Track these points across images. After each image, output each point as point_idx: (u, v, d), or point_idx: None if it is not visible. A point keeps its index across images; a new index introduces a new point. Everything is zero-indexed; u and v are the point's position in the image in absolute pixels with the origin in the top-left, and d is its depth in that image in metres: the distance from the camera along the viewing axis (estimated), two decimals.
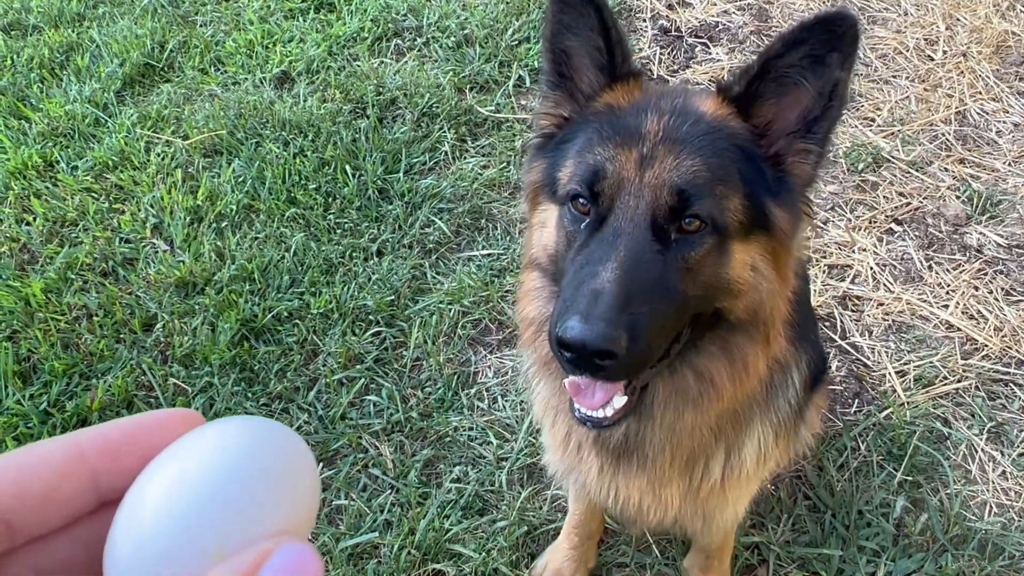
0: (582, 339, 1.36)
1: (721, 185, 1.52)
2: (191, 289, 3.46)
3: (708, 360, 1.66)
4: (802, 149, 1.61)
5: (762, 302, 1.61)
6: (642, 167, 1.52)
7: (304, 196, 3.80)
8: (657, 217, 1.50)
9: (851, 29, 1.47)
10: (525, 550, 2.72)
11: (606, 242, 1.48)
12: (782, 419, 1.94)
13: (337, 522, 2.79)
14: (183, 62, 4.68)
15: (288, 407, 3.10)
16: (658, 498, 1.95)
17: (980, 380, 3.15)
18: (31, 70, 4.63)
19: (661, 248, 1.49)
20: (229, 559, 0.53)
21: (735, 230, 1.54)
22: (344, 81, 4.41)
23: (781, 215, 1.59)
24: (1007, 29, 4.71)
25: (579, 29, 1.67)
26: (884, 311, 3.40)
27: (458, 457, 2.95)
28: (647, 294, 1.44)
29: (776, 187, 1.59)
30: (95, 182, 3.95)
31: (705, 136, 1.55)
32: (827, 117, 1.57)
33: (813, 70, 1.52)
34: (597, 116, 1.66)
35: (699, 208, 1.50)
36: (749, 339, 1.65)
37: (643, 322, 1.41)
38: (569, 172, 1.62)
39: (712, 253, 1.53)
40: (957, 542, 2.71)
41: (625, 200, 1.51)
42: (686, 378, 1.68)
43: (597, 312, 1.37)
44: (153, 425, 0.63)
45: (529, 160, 1.81)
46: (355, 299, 3.39)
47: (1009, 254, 3.59)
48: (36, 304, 3.38)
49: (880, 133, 4.15)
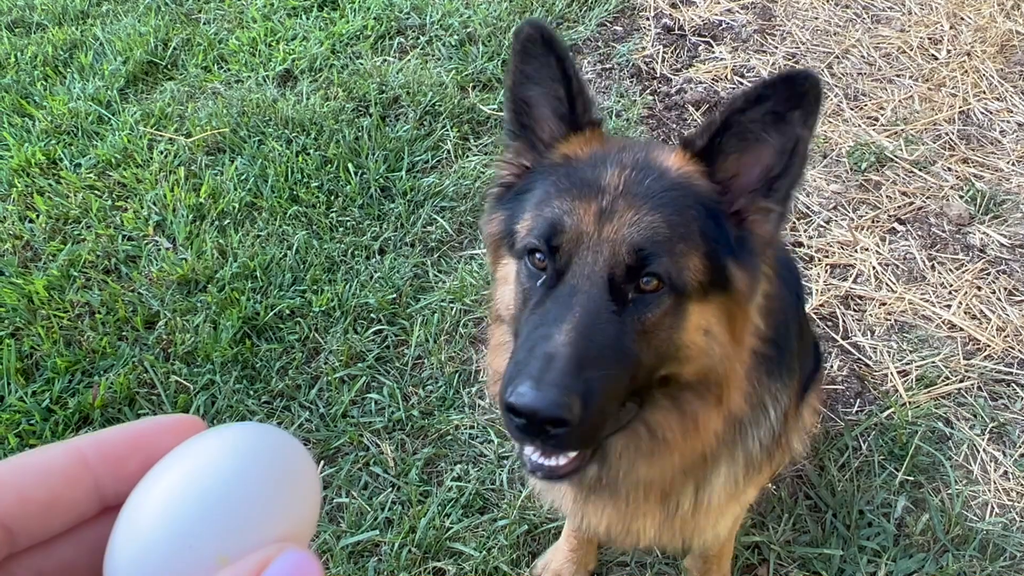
0: (533, 407, 1.31)
1: (681, 243, 1.48)
2: (193, 287, 3.47)
3: (661, 415, 1.62)
4: (763, 208, 1.58)
5: (712, 367, 1.57)
6: (600, 221, 1.47)
7: (306, 194, 3.80)
8: (615, 275, 1.45)
9: (813, 88, 1.45)
10: (526, 549, 2.73)
11: (561, 301, 1.43)
12: (752, 457, 1.88)
13: (338, 520, 2.79)
14: (186, 60, 4.69)
15: (290, 405, 3.10)
16: (628, 529, 1.91)
17: (982, 380, 3.14)
18: (35, 67, 4.64)
19: (617, 308, 1.44)
20: (230, 565, 0.53)
21: (694, 290, 1.49)
22: (347, 79, 4.41)
23: (740, 276, 1.55)
24: (1012, 28, 4.70)
25: (541, 78, 1.65)
26: (886, 311, 3.39)
27: (459, 455, 2.95)
28: (602, 358, 1.38)
29: (738, 247, 1.55)
30: (98, 180, 3.95)
31: (667, 192, 1.52)
32: (788, 175, 1.55)
33: (775, 126, 1.50)
34: (555, 167, 1.63)
35: (657, 267, 1.45)
36: (700, 398, 1.61)
37: (596, 388, 1.36)
38: (527, 225, 1.57)
39: (669, 315, 1.48)
40: (958, 542, 2.71)
41: (583, 256, 1.46)
42: (638, 432, 1.64)
43: (550, 377, 1.32)
44: (155, 431, 0.63)
45: (488, 211, 1.76)
46: (357, 297, 3.39)
47: (1012, 254, 3.58)
48: (39, 301, 3.39)
49: (883, 132, 4.14)
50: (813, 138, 1.54)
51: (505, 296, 1.67)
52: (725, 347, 1.56)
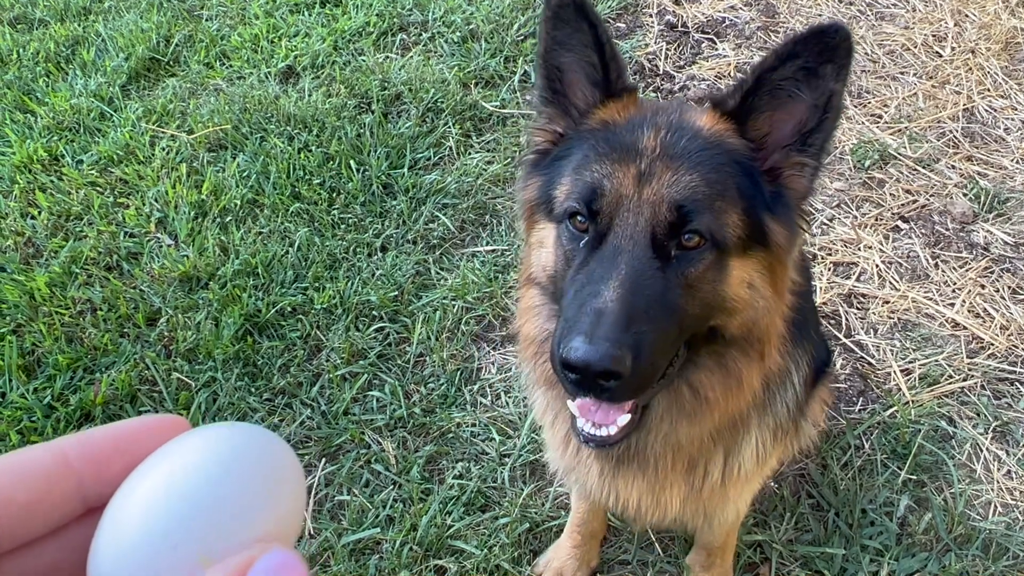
0: (587, 360, 1.35)
1: (720, 200, 1.51)
2: (195, 284, 3.46)
3: (704, 374, 1.66)
4: (798, 162, 1.60)
5: (757, 319, 1.61)
6: (640, 183, 1.51)
7: (308, 191, 3.79)
8: (657, 233, 1.48)
9: (844, 41, 1.46)
10: (527, 547, 2.72)
11: (606, 260, 1.47)
12: (780, 422, 1.93)
13: (339, 518, 2.79)
14: (188, 56, 4.68)
15: (291, 402, 3.10)
16: (657, 501, 1.94)
17: (986, 379, 3.13)
18: (37, 64, 4.64)
19: (661, 265, 1.48)
20: (214, 566, 0.53)
21: (734, 246, 1.53)
22: (349, 76, 4.40)
23: (778, 230, 1.58)
24: (1016, 26, 4.68)
25: (573, 45, 1.66)
26: (890, 309, 3.38)
27: (460, 453, 2.95)
28: (649, 312, 1.42)
29: (773, 202, 1.59)
30: (100, 176, 3.95)
31: (702, 151, 1.54)
32: (822, 129, 1.57)
33: (807, 82, 1.52)
34: (592, 132, 1.64)
35: (698, 224, 1.49)
36: (744, 354, 1.65)
37: (646, 341, 1.40)
38: (566, 190, 1.60)
39: (711, 269, 1.52)
40: (961, 541, 2.70)
41: (624, 217, 1.50)
42: (682, 393, 1.67)
43: (601, 332, 1.36)
44: (139, 431, 0.62)
45: (523, 177, 1.79)
46: (359, 294, 3.38)
47: (1016, 252, 3.57)
48: (41, 298, 3.39)
49: (887, 130, 4.13)
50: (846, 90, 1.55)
51: (542, 259, 1.70)
52: (768, 300, 1.60)
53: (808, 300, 2.19)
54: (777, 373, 1.83)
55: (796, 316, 1.79)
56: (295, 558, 0.53)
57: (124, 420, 0.63)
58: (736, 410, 1.73)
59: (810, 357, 2.03)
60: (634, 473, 1.88)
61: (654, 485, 1.90)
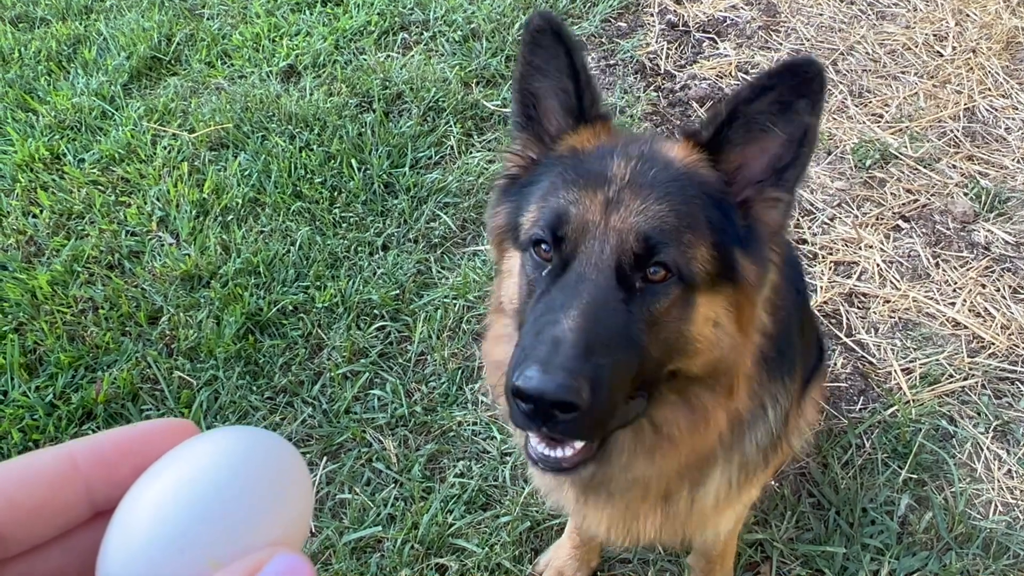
0: (540, 389, 1.27)
1: (689, 233, 1.46)
2: (196, 282, 3.47)
3: (668, 411, 1.59)
4: (772, 197, 1.56)
5: (722, 358, 1.55)
6: (607, 211, 1.46)
7: (310, 190, 3.80)
8: (622, 264, 1.43)
9: (818, 75, 1.44)
10: (528, 545, 2.73)
11: (568, 288, 1.40)
12: (750, 460, 1.86)
13: (341, 516, 2.80)
14: (190, 55, 4.69)
15: (292, 401, 3.10)
16: (628, 529, 1.89)
17: (986, 378, 3.14)
18: (38, 63, 4.64)
19: (625, 297, 1.42)
20: (223, 569, 0.53)
21: (702, 281, 1.48)
22: (350, 75, 4.40)
23: (749, 267, 1.53)
24: (1017, 25, 4.68)
25: (548, 71, 1.64)
26: (890, 308, 3.38)
27: (462, 452, 2.95)
28: (610, 344, 1.36)
29: (745, 237, 1.54)
30: (101, 175, 3.95)
31: (673, 182, 1.50)
32: (797, 164, 1.54)
33: (782, 116, 1.49)
34: (560, 159, 1.61)
35: (665, 256, 1.43)
36: (709, 391, 1.59)
37: (605, 374, 1.33)
38: (532, 217, 1.56)
39: (676, 306, 1.46)
40: (962, 540, 2.70)
41: (589, 244, 1.44)
42: (643, 429, 1.61)
43: (558, 361, 1.28)
44: (147, 435, 0.62)
45: (494, 203, 1.74)
46: (360, 293, 3.39)
47: (1017, 252, 3.57)
48: (42, 296, 3.39)
49: (888, 129, 4.13)
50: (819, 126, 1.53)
51: (509, 288, 1.65)
52: (734, 338, 1.55)
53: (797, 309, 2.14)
54: (747, 412, 1.75)
55: (773, 351, 1.73)
56: (303, 561, 0.53)
57: (132, 424, 0.63)
58: (702, 449, 1.67)
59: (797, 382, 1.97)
60: (603, 502, 1.83)
61: (624, 514, 1.86)
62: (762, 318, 1.66)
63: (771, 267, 1.60)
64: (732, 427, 1.74)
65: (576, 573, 2.61)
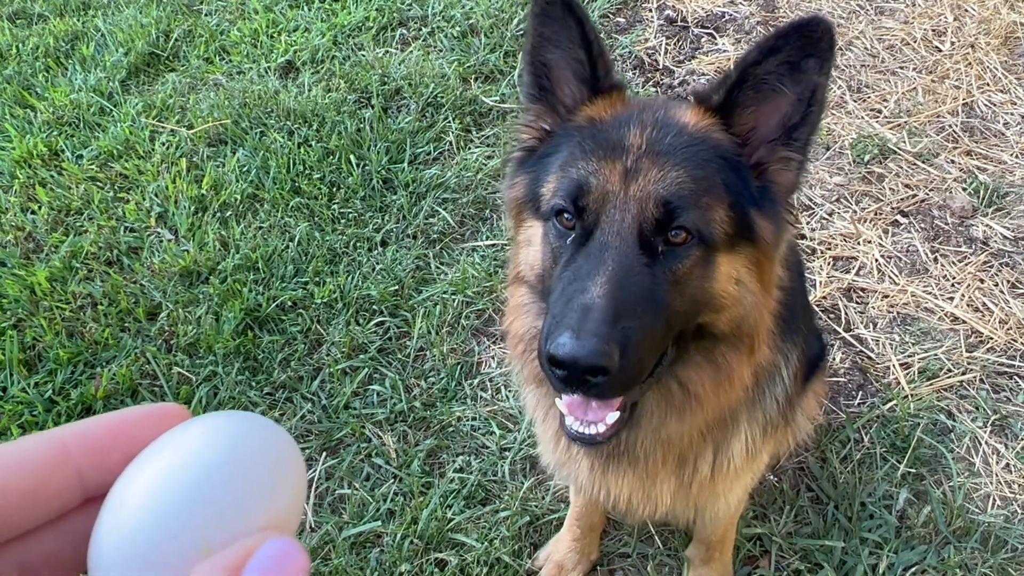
0: (574, 355, 1.33)
1: (706, 196, 1.51)
2: (195, 278, 3.47)
3: (693, 371, 1.65)
4: (784, 157, 1.60)
5: (746, 315, 1.60)
6: (627, 180, 1.50)
7: (308, 186, 3.79)
8: (644, 230, 1.48)
9: (826, 34, 1.46)
10: (527, 540, 2.73)
11: (594, 256, 1.46)
12: (770, 417, 1.92)
13: (340, 511, 2.80)
14: (188, 51, 4.68)
15: (292, 396, 3.10)
16: (648, 495, 1.94)
17: (985, 373, 3.14)
18: (36, 59, 4.64)
19: (649, 261, 1.47)
20: (214, 554, 0.53)
21: (721, 242, 1.53)
22: (349, 71, 4.40)
23: (765, 225, 1.58)
24: (1016, 20, 4.68)
25: (560, 42, 1.66)
26: (889, 303, 3.39)
27: (461, 447, 2.96)
28: (637, 308, 1.42)
29: (760, 197, 1.59)
30: (100, 171, 3.95)
31: (688, 147, 1.54)
32: (807, 123, 1.57)
33: (791, 76, 1.51)
34: (579, 129, 1.64)
35: (685, 220, 1.48)
36: (733, 350, 1.64)
37: (634, 337, 1.39)
38: (552, 187, 1.60)
39: (699, 266, 1.52)
40: (960, 535, 2.71)
41: (611, 214, 1.49)
42: (671, 389, 1.67)
43: (588, 327, 1.35)
44: (138, 421, 0.62)
45: (510, 175, 1.78)
46: (359, 289, 3.39)
47: (1015, 247, 3.57)
48: (41, 293, 3.39)
49: (887, 124, 4.13)
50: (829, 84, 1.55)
51: (529, 257, 1.69)
52: (756, 295, 1.60)
53: (801, 296, 2.19)
54: (766, 368, 1.82)
55: (784, 311, 1.78)
56: (296, 546, 0.53)
57: (124, 409, 0.63)
58: (727, 405, 1.73)
59: (800, 351, 2.03)
60: (624, 469, 1.87)
61: (644, 480, 1.90)
62: (780, 273, 1.71)
63: (786, 225, 1.65)
64: (754, 383, 1.79)
65: (576, 566, 2.62)
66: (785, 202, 1.64)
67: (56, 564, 0.60)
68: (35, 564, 0.59)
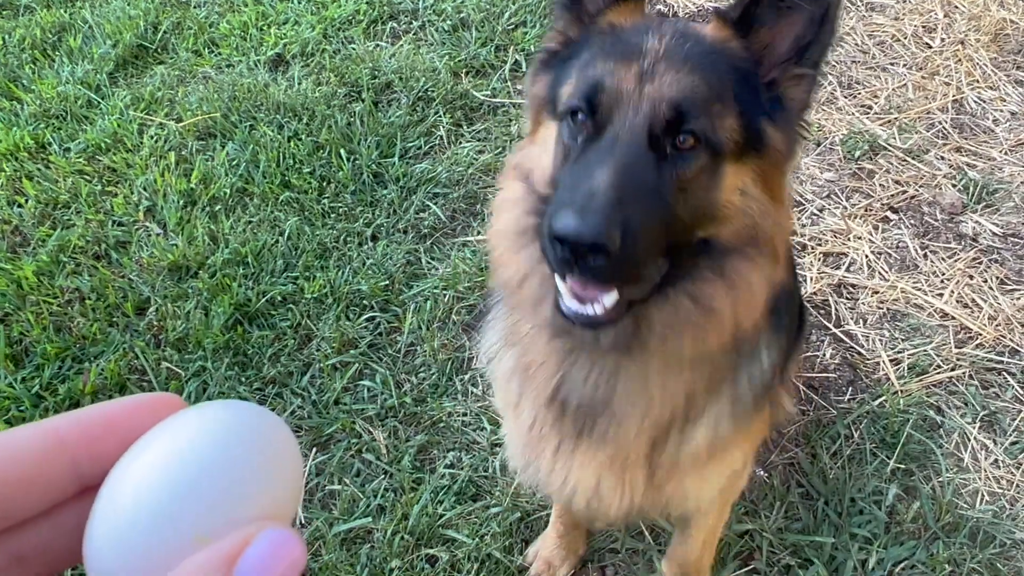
0: (577, 231, 1.36)
1: (718, 104, 1.53)
2: (184, 273, 3.45)
3: (706, 286, 1.62)
4: (796, 75, 1.63)
5: (753, 225, 1.60)
6: (641, 81, 1.53)
7: (298, 180, 3.77)
8: (654, 129, 1.50)
9: None
10: (518, 536, 2.73)
11: (603, 149, 1.49)
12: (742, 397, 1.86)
13: (330, 507, 2.79)
14: (177, 44, 4.65)
15: (282, 392, 3.09)
16: (618, 480, 1.88)
17: (974, 369, 3.16)
18: (23, 51, 4.59)
19: (656, 160, 1.50)
20: (210, 544, 0.53)
21: (729, 151, 1.55)
22: (339, 64, 4.38)
23: (776, 135, 1.60)
24: (1005, 17, 4.70)
25: None
26: (879, 299, 3.40)
27: (452, 443, 2.95)
28: (640, 199, 1.45)
29: (772, 108, 1.61)
30: (87, 164, 3.92)
31: (705, 56, 1.57)
32: (819, 42, 1.60)
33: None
34: (600, 34, 1.68)
35: (694, 125, 1.51)
36: (747, 260, 1.62)
37: (635, 224, 1.41)
38: (570, 89, 1.63)
39: (705, 173, 1.54)
40: (949, 530, 2.72)
41: (623, 111, 1.52)
42: (683, 305, 1.62)
43: (592, 207, 1.38)
44: (133, 410, 0.62)
45: (533, 73, 1.81)
46: (349, 284, 3.37)
47: (1004, 243, 3.59)
48: (28, 287, 3.36)
49: (877, 121, 4.14)
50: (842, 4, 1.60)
51: (542, 160, 1.71)
52: (764, 205, 1.60)
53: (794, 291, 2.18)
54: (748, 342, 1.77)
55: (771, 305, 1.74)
56: (292, 536, 0.53)
57: (118, 399, 0.63)
58: (748, 321, 1.67)
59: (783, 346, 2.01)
60: (597, 443, 1.82)
61: (614, 462, 1.84)
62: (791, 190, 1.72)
63: (798, 138, 1.67)
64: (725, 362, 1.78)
65: (564, 562, 2.62)
66: (799, 116, 1.67)
67: (51, 554, 0.60)
68: (30, 554, 0.59)
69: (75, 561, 0.58)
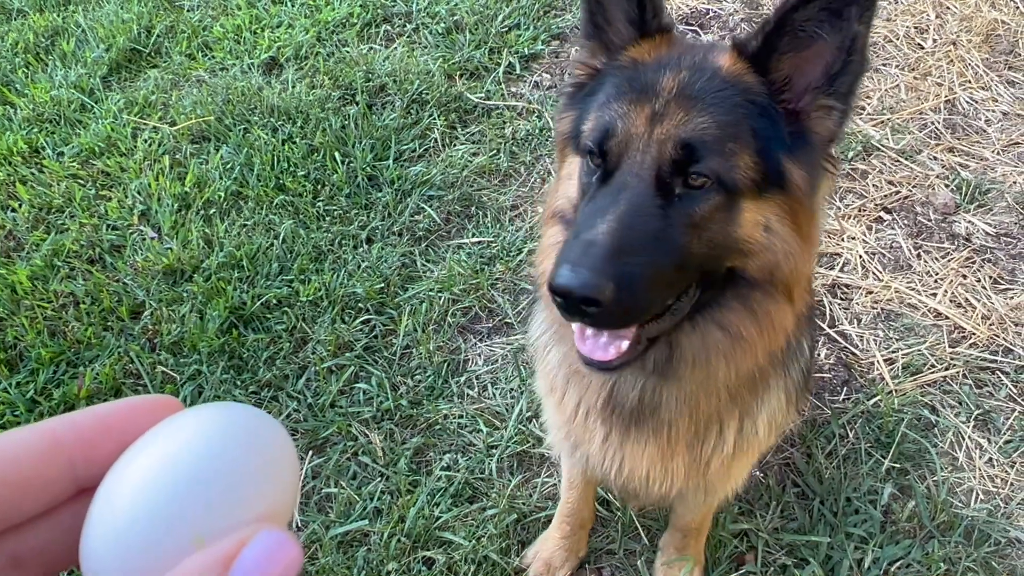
0: (567, 285, 1.39)
1: (731, 142, 1.51)
2: (179, 276, 3.44)
3: (732, 315, 1.64)
4: (825, 105, 1.59)
5: (778, 263, 1.59)
6: (652, 123, 1.52)
7: (293, 183, 3.77)
8: (662, 171, 1.50)
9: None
10: (515, 537, 2.73)
11: (609, 195, 1.50)
12: (796, 383, 1.95)
13: (327, 510, 2.79)
14: (170, 47, 4.64)
15: (277, 395, 3.09)
16: (665, 469, 1.93)
17: (967, 368, 3.17)
18: (16, 55, 4.59)
19: (663, 203, 1.49)
20: (207, 546, 0.53)
21: (746, 188, 1.52)
22: (333, 67, 4.38)
23: (797, 172, 1.56)
24: (997, 18, 4.72)
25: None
26: (873, 299, 3.41)
27: (448, 445, 2.95)
28: (643, 246, 1.45)
29: (793, 144, 1.57)
30: (81, 168, 3.91)
31: (718, 92, 1.54)
32: (848, 72, 1.55)
33: (831, 23, 1.50)
34: (621, 70, 1.66)
35: (704, 165, 1.50)
36: (769, 297, 1.63)
37: (635, 273, 1.43)
38: (591, 126, 1.63)
39: (720, 210, 1.52)
40: (944, 529, 2.73)
41: (633, 155, 1.52)
42: (712, 333, 1.66)
43: (586, 261, 1.40)
44: (130, 412, 0.62)
45: (560, 109, 1.82)
46: (344, 287, 3.37)
47: (997, 243, 3.60)
48: (22, 291, 3.36)
49: (870, 121, 4.15)
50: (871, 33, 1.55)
51: (569, 191, 1.73)
52: (789, 243, 1.58)
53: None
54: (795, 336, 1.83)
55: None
56: (288, 538, 0.53)
57: (115, 401, 0.63)
58: (774, 347, 1.72)
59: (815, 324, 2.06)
60: (645, 437, 1.88)
61: (663, 450, 1.89)
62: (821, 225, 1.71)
63: (823, 174, 1.64)
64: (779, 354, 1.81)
65: (564, 563, 2.62)
66: (824, 150, 1.63)
67: (48, 556, 0.60)
68: (27, 556, 0.59)
69: (72, 563, 0.58)
